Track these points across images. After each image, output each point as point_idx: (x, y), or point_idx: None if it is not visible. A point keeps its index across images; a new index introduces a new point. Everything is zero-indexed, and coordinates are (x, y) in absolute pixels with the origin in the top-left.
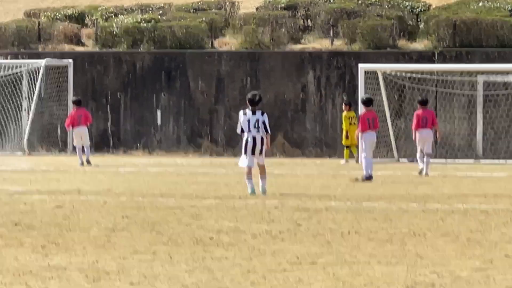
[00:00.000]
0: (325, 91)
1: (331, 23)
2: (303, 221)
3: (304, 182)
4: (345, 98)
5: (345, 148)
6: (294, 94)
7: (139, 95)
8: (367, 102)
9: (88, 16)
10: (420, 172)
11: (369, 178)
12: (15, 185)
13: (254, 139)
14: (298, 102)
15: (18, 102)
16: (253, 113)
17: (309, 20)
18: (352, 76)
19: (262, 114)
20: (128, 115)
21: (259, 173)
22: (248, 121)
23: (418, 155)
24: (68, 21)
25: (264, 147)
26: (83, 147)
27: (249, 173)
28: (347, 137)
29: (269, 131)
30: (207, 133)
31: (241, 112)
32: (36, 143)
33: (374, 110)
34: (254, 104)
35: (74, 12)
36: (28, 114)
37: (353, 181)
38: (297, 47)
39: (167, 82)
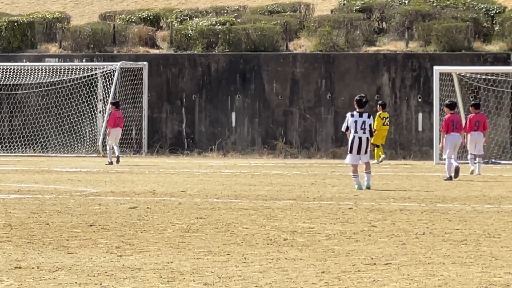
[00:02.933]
0: (400, 93)
1: (406, 25)
2: (378, 222)
3: (378, 183)
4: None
5: (375, 147)
6: (368, 96)
7: (213, 97)
8: (451, 106)
9: (163, 18)
10: (472, 173)
11: (449, 178)
12: (89, 186)
13: (360, 139)
14: (372, 104)
15: (93, 104)
16: (360, 115)
17: (383, 22)
18: (427, 78)
19: (369, 117)
20: (203, 117)
21: (364, 169)
22: (355, 122)
23: (469, 156)
24: (143, 24)
25: (369, 147)
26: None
27: (355, 171)
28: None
29: (373, 134)
30: (281, 135)
31: (348, 114)
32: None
33: (457, 113)
34: (362, 105)
35: (149, 14)
36: (103, 116)
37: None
38: (372, 49)
39: (241, 84)
